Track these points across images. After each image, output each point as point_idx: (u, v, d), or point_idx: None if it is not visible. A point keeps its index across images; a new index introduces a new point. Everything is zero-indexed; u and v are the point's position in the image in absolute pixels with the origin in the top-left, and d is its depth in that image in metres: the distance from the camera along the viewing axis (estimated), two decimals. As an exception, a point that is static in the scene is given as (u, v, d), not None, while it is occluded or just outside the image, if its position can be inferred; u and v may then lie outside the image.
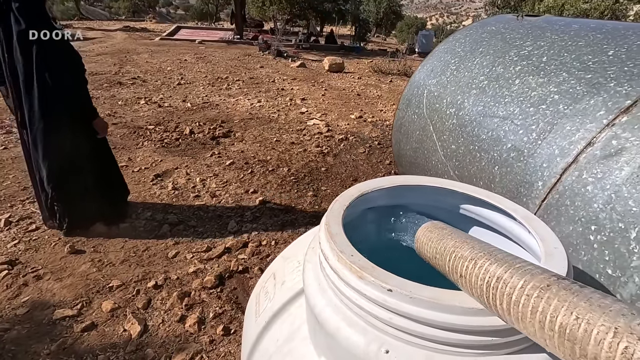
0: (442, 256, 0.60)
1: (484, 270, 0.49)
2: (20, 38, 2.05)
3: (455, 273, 0.56)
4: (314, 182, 3.39)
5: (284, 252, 1.06)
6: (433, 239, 0.66)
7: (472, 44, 1.69)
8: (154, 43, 14.53)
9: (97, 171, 2.48)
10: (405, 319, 0.54)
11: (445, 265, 0.59)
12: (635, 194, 0.82)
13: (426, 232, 0.71)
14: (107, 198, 2.57)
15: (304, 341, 0.75)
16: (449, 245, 0.60)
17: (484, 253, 0.53)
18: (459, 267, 0.55)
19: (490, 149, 1.27)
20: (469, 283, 0.52)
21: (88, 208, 2.46)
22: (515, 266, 0.47)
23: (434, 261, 0.64)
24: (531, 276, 0.44)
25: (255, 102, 6.21)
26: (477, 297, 0.51)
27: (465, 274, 0.53)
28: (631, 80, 0.96)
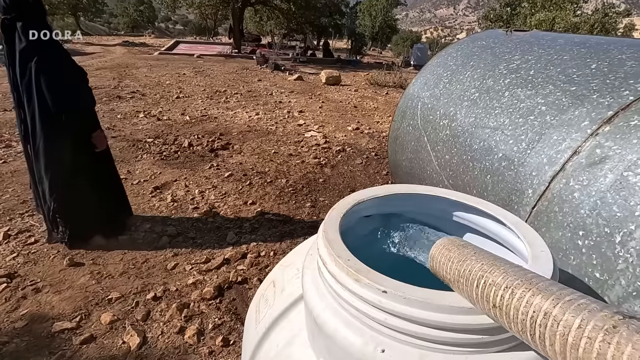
0: (467, 280, 0.55)
1: (525, 303, 0.44)
2: (22, 55, 2.10)
3: (486, 302, 0.50)
4: (312, 193, 3.43)
5: (283, 260, 1.08)
6: (453, 259, 0.60)
7: (464, 58, 1.75)
8: (153, 57, 14.72)
9: (98, 183, 2.50)
10: (399, 319, 0.56)
11: (472, 292, 0.53)
12: (619, 199, 0.86)
13: (444, 250, 0.65)
14: (107, 210, 2.60)
15: (303, 345, 0.77)
16: (475, 268, 0.54)
17: (521, 281, 0.47)
18: (491, 296, 0.49)
19: (482, 159, 1.31)
20: (507, 316, 0.47)
21: (89, 219, 2.48)
22: (565, 299, 0.41)
23: (456, 285, 0.58)
24: (589, 313, 0.38)
25: (253, 114, 6.28)
26: (517, 332, 0.47)
27: (500, 305, 0.48)
28: (612, 92, 1.01)
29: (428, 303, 0.55)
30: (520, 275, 0.49)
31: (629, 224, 0.83)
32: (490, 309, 0.50)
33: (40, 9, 2.19)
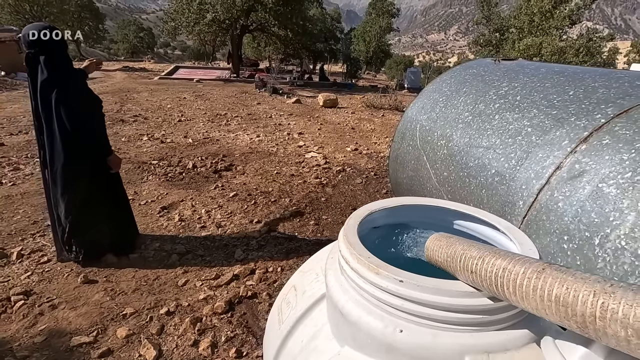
0: (452, 259, 0.73)
1: (491, 264, 0.61)
2: (43, 86, 2.25)
3: (466, 271, 0.68)
4: (315, 212, 3.54)
5: (302, 267, 1.20)
6: (442, 246, 0.79)
7: (457, 85, 1.92)
8: (153, 82, 15.05)
9: (110, 205, 2.62)
10: (414, 304, 0.68)
11: (456, 266, 0.71)
12: (596, 207, 1.00)
13: (435, 241, 0.84)
14: (118, 230, 2.70)
15: (327, 338, 0.88)
16: (458, 249, 0.73)
17: (489, 252, 0.65)
18: (469, 265, 0.67)
19: (477, 175, 1.46)
20: (480, 277, 0.64)
21: (102, 240, 2.58)
22: (516, 258, 0.60)
23: (445, 264, 0.76)
24: (529, 264, 0.56)
25: (254, 136, 6.46)
26: (487, 287, 0.63)
27: (475, 270, 0.65)
28: (587, 116, 1.17)
29: (438, 289, 0.67)
30: (488, 249, 0.67)
31: (605, 228, 0.96)
32: (469, 275, 0.66)
33: (60, 44, 2.34)
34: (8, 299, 2.19)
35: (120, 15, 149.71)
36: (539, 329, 0.70)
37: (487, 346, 0.66)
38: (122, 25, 45.37)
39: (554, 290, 0.51)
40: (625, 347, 0.41)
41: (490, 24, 21.13)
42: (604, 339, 0.43)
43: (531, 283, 0.54)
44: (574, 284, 0.49)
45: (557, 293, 0.50)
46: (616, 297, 0.42)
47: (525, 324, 0.70)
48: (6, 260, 2.62)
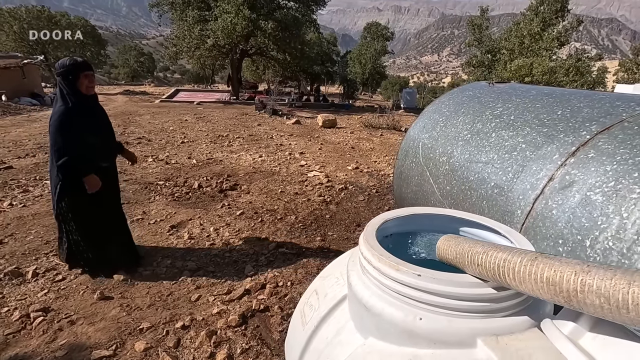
0: (461, 255, 0.85)
1: (493, 257, 0.74)
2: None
3: (473, 264, 0.80)
4: (321, 228, 3.65)
5: (322, 273, 1.30)
6: (452, 245, 0.92)
7: (455, 106, 2.08)
8: (155, 105, 15.34)
9: (111, 223, 2.76)
10: (431, 295, 0.79)
11: (464, 261, 0.83)
12: (585, 213, 1.12)
13: (445, 241, 0.98)
14: (125, 244, 2.85)
15: (350, 332, 0.98)
16: (465, 246, 0.85)
17: (491, 247, 0.78)
18: (476, 259, 0.79)
19: (478, 188, 1.58)
20: (485, 268, 0.76)
21: (110, 254, 2.71)
22: (514, 251, 0.72)
23: (455, 260, 0.89)
24: (525, 254, 0.69)
25: (256, 157, 6.61)
26: (492, 277, 0.74)
27: (481, 263, 0.77)
28: (574, 132, 1.31)
29: (451, 280, 0.78)
30: (491, 244, 0.80)
31: (594, 231, 1.08)
32: (476, 268, 0.78)
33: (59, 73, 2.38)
34: (27, 316, 2.26)
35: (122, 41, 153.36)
36: (539, 315, 0.81)
37: (496, 330, 0.77)
38: (123, 50, 46.44)
39: (545, 273, 0.63)
40: (600, 313, 0.52)
41: (482, 45, 21.84)
42: (585, 308, 0.55)
43: (527, 269, 0.66)
44: (560, 267, 0.61)
45: (547, 275, 0.62)
46: (591, 274, 0.54)
47: (528, 311, 0.81)
48: (22, 279, 2.69)
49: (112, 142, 2.80)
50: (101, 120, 2.66)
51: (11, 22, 23.53)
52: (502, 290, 0.77)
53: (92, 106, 2.56)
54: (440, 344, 0.79)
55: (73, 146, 2.39)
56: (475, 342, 0.77)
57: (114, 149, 2.84)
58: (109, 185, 2.69)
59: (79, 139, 2.41)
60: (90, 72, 2.43)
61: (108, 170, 2.71)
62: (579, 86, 17.64)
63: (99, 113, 2.65)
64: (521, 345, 0.74)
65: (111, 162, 2.77)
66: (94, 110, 2.59)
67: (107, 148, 2.72)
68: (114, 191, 2.85)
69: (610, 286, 0.51)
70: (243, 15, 14.59)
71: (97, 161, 2.58)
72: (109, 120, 2.79)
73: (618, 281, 0.50)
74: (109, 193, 2.74)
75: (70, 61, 2.37)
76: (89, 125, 2.49)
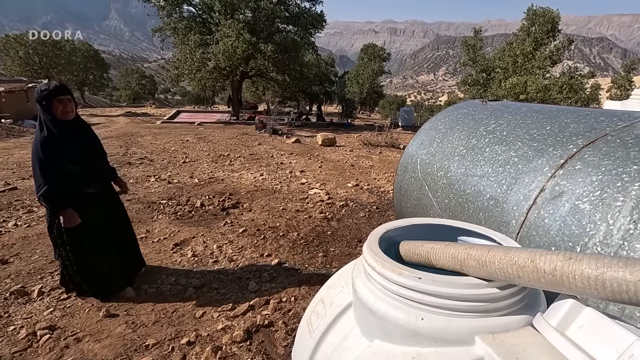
0: (420, 255, 1.00)
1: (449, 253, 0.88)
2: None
3: (427, 259, 0.95)
4: (323, 244, 3.69)
5: (327, 283, 1.36)
6: (416, 249, 1.04)
7: (451, 123, 2.18)
8: (156, 126, 15.54)
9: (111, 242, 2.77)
10: (431, 297, 0.85)
11: (423, 257, 0.99)
12: (575, 221, 1.19)
13: (403, 247, 1.12)
14: (125, 264, 2.87)
15: (357, 336, 1.03)
16: (425, 248, 1.00)
17: (440, 245, 0.93)
18: (431, 255, 0.94)
19: (474, 200, 1.66)
20: (439, 260, 0.91)
21: (119, 274, 2.73)
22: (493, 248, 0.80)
23: (415, 259, 1.02)
24: (501, 249, 0.77)
25: (257, 175, 6.70)
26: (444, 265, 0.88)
27: (434, 258, 0.92)
28: (562, 146, 1.40)
29: (450, 282, 0.84)
30: (439, 243, 0.92)
31: (584, 238, 1.15)
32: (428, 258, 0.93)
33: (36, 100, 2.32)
34: (34, 334, 2.28)
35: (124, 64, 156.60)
36: (533, 314, 0.86)
37: (492, 328, 0.82)
38: (125, 73, 47.35)
39: (519, 261, 0.69)
40: (567, 288, 0.59)
41: (477, 65, 22.36)
42: (555, 287, 0.61)
43: (505, 258, 0.73)
44: (532, 256, 0.68)
45: (521, 263, 0.69)
46: (555, 261, 0.61)
47: (523, 310, 0.87)
48: (27, 297, 2.72)
49: (102, 166, 2.72)
50: (85, 145, 2.54)
51: (17, 47, 24.13)
52: (501, 291, 0.83)
53: (73, 131, 2.43)
54: (441, 342, 0.84)
55: (51, 175, 2.29)
56: (473, 340, 0.82)
57: (105, 173, 2.77)
58: (103, 209, 2.64)
59: (58, 167, 2.31)
60: (64, 96, 2.31)
61: (98, 196, 2.62)
62: (573, 103, 17.98)
63: (82, 138, 2.52)
64: (516, 342, 0.79)
65: (101, 187, 2.68)
66: (76, 135, 2.46)
67: (94, 173, 2.60)
68: (112, 214, 2.77)
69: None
70: (243, 38, 15.00)
71: (81, 188, 2.48)
72: (97, 143, 2.69)
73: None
74: (106, 216, 2.67)
75: (43, 87, 2.29)
76: (69, 152, 2.37)
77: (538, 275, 0.62)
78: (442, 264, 0.88)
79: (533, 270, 0.63)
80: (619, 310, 1.03)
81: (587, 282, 0.52)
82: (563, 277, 0.57)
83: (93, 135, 2.66)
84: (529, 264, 0.64)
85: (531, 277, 0.64)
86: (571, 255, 0.56)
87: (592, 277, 0.51)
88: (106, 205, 2.72)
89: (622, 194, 1.10)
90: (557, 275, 0.57)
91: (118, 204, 2.89)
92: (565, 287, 0.58)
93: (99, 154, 2.70)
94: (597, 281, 0.50)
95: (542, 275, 0.62)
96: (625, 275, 0.47)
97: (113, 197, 2.84)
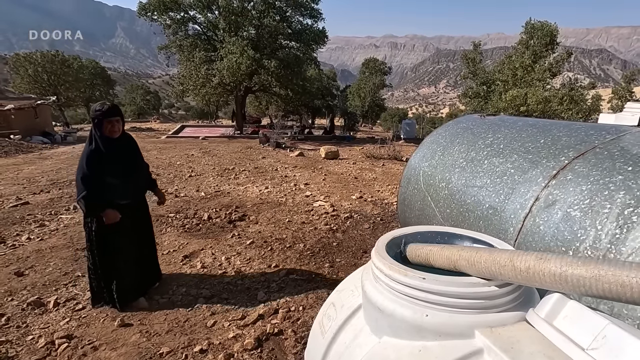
0: (420, 256, 1.10)
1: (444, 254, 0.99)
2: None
3: (427, 260, 1.05)
4: (329, 255, 3.77)
5: (338, 287, 1.45)
6: (417, 251, 1.14)
7: (451, 137, 2.30)
8: (161, 141, 15.78)
9: (137, 250, 2.90)
10: (434, 295, 0.95)
11: (423, 259, 1.08)
12: (567, 227, 1.29)
13: (409, 249, 1.20)
14: (145, 274, 2.97)
15: (367, 335, 1.12)
16: (424, 250, 1.09)
17: (437, 247, 1.02)
18: (429, 257, 1.04)
19: (474, 209, 1.75)
20: (436, 261, 1.01)
21: (137, 284, 2.82)
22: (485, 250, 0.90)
23: (417, 259, 1.12)
24: (486, 251, 0.87)
25: (263, 188, 6.81)
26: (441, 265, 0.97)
27: (432, 259, 1.03)
28: (555, 158, 1.50)
29: (452, 282, 0.94)
30: (436, 245, 1.03)
31: (575, 243, 1.24)
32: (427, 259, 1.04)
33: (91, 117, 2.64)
34: (52, 343, 2.36)
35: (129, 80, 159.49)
36: (527, 310, 0.95)
37: (490, 322, 0.91)
38: (130, 89, 48.19)
39: (500, 260, 0.79)
40: (539, 283, 0.69)
41: (477, 78, 22.64)
42: (531, 282, 0.71)
43: (489, 258, 0.83)
44: (511, 257, 0.77)
45: (502, 263, 0.79)
46: (528, 260, 0.71)
47: (518, 307, 0.96)
48: (44, 308, 2.81)
49: (141, 180, 2.94)
50: (127, 161, 2.75)
51: (27, 66, 24.73)
52: (499, 289, 0.92)
53: (118, 147, 2.66)
54: (445, 336, 0.93)
55: (90, 183, 2.52)
56: (473, 333, 0.91)
57: (141, 187, 2.97)
58: (129, 221, 2.77)
59: (98, 177, 2.54)
60: (114, 117, 2.57)
61: (128, 206, 2.76)
62: (575, 114, 18.12)
63: (126, 154, 2.75)
64: (511, 334, 0.88)
65: (134, 200, 2.86)
66: (120, 151, 2.69)
67: (131, 187, 2.79)
68: (139, 225, 2.93)
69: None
70: (247, 55, 15.36)
71: (115, 199, 2.65)
72: (139, 159, 2.92)
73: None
74: (131, 228, 2.81)
75: (97, 107, 2.57)
76: (111, 167, 2.60)
77: (515, 273, 0.73)
78: (439, 264, 0.98)
79: (511, 269, 0.74)
80: (608, 309, 1.11)
81: (553, 278, 0.63)
82: (535, 274, 0.67)
83: (136, 151, 2.90)
84: (508, 263, 0.74)
85: (510, 274, 0.74)
86: (542, 256, 0.66)
87: (557, 274, 0.61)
88: (134, 216, 2.87)
89: (609, 201, 1.20)
90: (530, 272, 0.68)
91: (146, 216, 3.05)
92: (538, 282, 0.68)
93: (139, 169, 2.93)
94: (561, 277, 0.61)
95: (518, 272, 0.72)
96: (582, 272, 0.57)
97: (142, 209, 3.01)
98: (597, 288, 0.56)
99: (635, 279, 0.50)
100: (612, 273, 0.54)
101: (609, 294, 0.55)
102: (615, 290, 0.53)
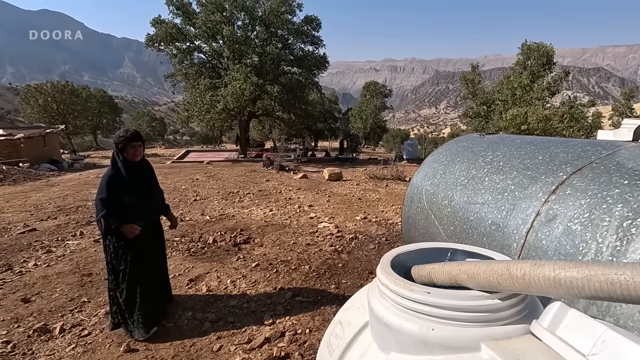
0: (423, 276, 1.10)
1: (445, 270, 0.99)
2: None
3: (429, 278, 1.04)
4: (334, 277, 3.75)
5: (344, 306, 1.46)
6: (420, 271, 1.14)
7: (452, 155, 2.35)
8: (166, 166, 15.99)
9: (160, 272, 2.95)
10: (440, 309, 0.97)
11: (426, 278, 1.08)
12: (569, 241, 1.31)
13: (415, 271, 1.20)
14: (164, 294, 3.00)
15: (375, 351, 1.13)
16: (426, 269, 1.10)
17: (438, 265, 1.03)
18: (432, 275, 1.04)
19: (477, 226, 1.78)
20: (438, 278, 1.02)
21: (153, 311, 2.84)
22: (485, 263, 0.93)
23: (421, 279, 1.12)
24: (492, 264, 0.89)
25: (267, 211, 6.84)
26: (474, 285, 0.95)
27: (434, 276, 1.02)
28: (553, 174, 1.54)
29: (456, 295, 0.96)
30: (437, 264, 1.04)
31: (577, 256, 1.26)
32: (430, 277, 1.04)
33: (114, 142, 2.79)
34: (58, 370, 2.35)
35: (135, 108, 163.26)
36: (531, 323, 0.96)
37: (496, 335, 0.92)
38: (136, 116, 49.26)
39: (498, 270, 0.81)
40: (535, 289, 0.71)
41: (477, 98, 22.98)
42: (528, 289, 0.74)
43: (487, 269, 0.86)
44: (507, 265, 0.80)
45: (499, 272, 0.81)
46: (524, 267, 0.73)
47: (523, 320, 0.97)
48: (50, 335, 2.80)
49: (156, 203, 3.02)
50: (145, 183, 2.87)
51: (37, 96, 25.49)
52: (502, 302, 0.94)
53: (137, 170, 2.79)
54: (451, 350, 0.94)
55: (108, 204, 2.63)
56: (479, 346, 0.92)
57: (156, 210, 3.06)
58: (146, 242, 2.83)
59: (117, 198, 2.65)
60: (136, 143, 2.72)
61: (144, 227, 2.78)
62: (576, 131, 18.22)
63: (144, 178, 2.87)
64: (517, 346, 0.89)
65: (150, 221, 2.92)
66: (139, 175, 2.81)
67: (147, 209, 2.88)
68: (153, 248, 2.97)
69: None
70: (251, 81, 15.78)
71: (131, 220, 2.71)
72: (155, 182, 3.04)
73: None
74: (148, 249, 2.87)
75: (121, 133, 2.73)
76: (130, 188, 2.72)
77: (512, 281, 0.76)
78: (441, 280, 1.00)
79: (508, 277, 0.77)
80: (614, 322, 1.12)
81: (548, 282, 0.66)
82: (531, 280, 0.70)
83: (153, 175, 3.03)
84: (505, 272, 0.77)
85: (508, 282, 0.77)
86: (537, 262, 0.70)
87: (550, 278, 0.64)
88: (150, 237, 2.92)
89: (607, 214, 1.23)
90: (526, 278, 0.71)
91: (160, 237, 3.10)
92: (534, 288, 0.71)
93: (155, 193, 3.05)
94: (555, 280, 0.64)
95: (515, 280, 0.75)
96: (573, 274, 0.60)
97: (157, 232, 3.07)
98: (589, 288, 0.59)
99: (623, 276, 0.53)
100: (601, 272, 0.57)
101: (600, 293, 0.57)
102: (607, 289, 0.56)
